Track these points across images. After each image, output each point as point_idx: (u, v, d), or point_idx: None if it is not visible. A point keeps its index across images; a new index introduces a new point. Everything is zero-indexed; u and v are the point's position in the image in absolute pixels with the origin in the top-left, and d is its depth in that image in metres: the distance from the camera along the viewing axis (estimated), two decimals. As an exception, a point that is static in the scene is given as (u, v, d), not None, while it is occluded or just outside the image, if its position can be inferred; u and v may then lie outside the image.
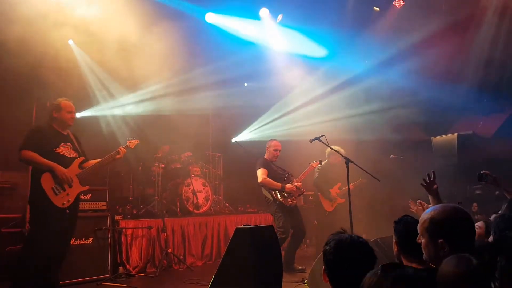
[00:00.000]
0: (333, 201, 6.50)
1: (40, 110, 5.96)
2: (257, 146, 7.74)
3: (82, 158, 4.47)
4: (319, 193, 6.60)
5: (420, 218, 1.94)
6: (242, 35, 8.91)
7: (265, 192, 5.86)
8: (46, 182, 4.11)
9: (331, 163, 6.52)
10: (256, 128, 8.97)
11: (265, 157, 6.08)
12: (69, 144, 4.42)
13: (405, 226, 2.36)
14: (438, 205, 1.94)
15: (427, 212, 1.92)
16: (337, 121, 8.28)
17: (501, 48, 7.72)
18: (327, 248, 1.77)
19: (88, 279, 5.03)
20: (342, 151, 6.33)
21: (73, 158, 4.39)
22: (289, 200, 5.78)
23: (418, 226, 1.94)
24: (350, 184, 6.52)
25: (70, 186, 4.26)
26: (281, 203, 5.73)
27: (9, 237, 5.04)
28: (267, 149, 6.12)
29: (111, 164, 4.78)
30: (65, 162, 4.29)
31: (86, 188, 4.50)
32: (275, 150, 6.04)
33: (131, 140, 4.89)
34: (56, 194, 4.15)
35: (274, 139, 6.22)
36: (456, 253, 1.72)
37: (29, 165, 4.32)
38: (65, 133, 4.46)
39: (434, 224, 1.85)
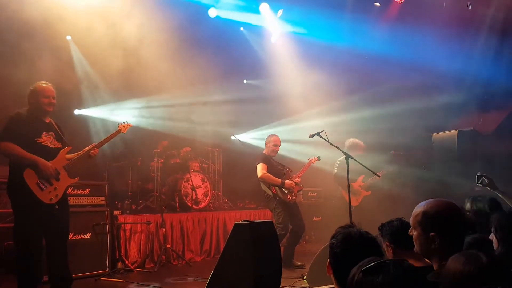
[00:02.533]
0: (357, 195, 6.41)
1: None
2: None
3: (68, 148, 4.10)
4: (341, 189, 6.51)
5: (414, 211, 1.97)
6: (243, 30, 8.92)
7: (264, 188, 5.83)
8: (30, 177, 3.74)
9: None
10: (258, 138, 8.83)
11: (264, 152, 6.05)
12: (51, 133, 4.02)
13: (392, 225, 2.38)
14: (432, 199, 1.95)
15: (420, 205, 1.95)
16: (340, 120, 8.23)
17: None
18: (334, 241, 1.76)
19: (87, 275, 5.00)
20: (361, 144, 6.31)
21: (58, 149, 4.01)
22: (288, 196, 5.75)
23: (411, 218, 1.97)
24: (372, 178, 6.54)
25: (58, 180, 3.90)
26: (280, 199, 5.71)
27: (7, 232, 4.99)
28: (266, 144, 6.08)
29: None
30: (49, 153, 3.91)
31: (75, 180, 4.11)
32: (275, 145, 6.00)
33: (123, 124, 4.53)
34: (42, 190, 3.80)
35: (274, 134, 6.15)
36: (447, 247, 1.72)
37: (8, 158, 3.84)
38: (47, 121, 4.06)
39: (427, 217, 1.88)
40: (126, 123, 4.60)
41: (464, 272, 1.42)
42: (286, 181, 5.75)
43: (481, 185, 3.89)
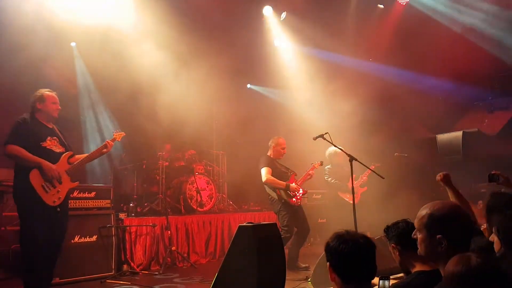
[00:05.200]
0: (355, 193, 6.45)
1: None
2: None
3: (70, 153, 4.27)
4: (338, 192, 6.54)
5: (418, 213, 1.96)
6: (246, 34, 8.92)
7: (268, 191, 5.83)
8: (35, 179, 3.91)
9: (337, 164, 6.52)
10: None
11: (268, 154, 6.03)
12: (55, 138, 4.20)
13: (397, 227, 2.38)
14: (437, 201, 1.95)
15: (425, 207, 1.94)
16: (341, 121, 8.23)
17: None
18: (329, 240, 1.87)
19: (92, 277, 5.04)
20: (343, 149, 6.32)
21: (61, 153, 4.18)
22: (293, 199, 5.75)
23: (416, 221, 1.96)
24: (364, 174, 6.57)
25: (60, 183, 4.08)
26: (285, 201, 5.71)
27: (14, 235, 5.06)
28: (273, 147, 5.99)
29: (97, 157, 4.58)
30: (53, 157, 4.08)
31: (76, 184, 4.30)
32: (282, 148, 5.95)
33: (117, 132, 4.69)
34: (47, 192, 3.97)
35: (280, 137, 6.08)
36: (454, 249, 1.72)
37: (14, 161, 4.01)
38: (50, 126, 4.25)
39: (433, 220, 1.86)
40: (119, 131, 4.73)
41: (454, 272, 1.44)
42: (291, 184, 5.74)
43: (495, 183, 3.77)
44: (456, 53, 7.84)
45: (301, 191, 5.81)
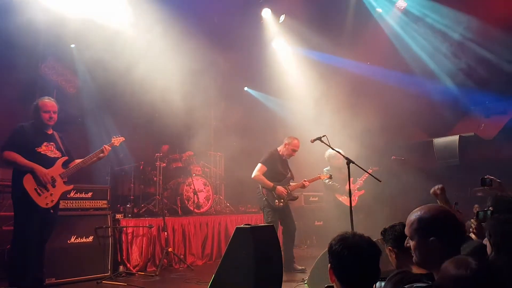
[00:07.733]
0: (352, 196, 6.44)
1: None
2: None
3: (65, 158, 4.45)
4: (335, 194, 6.54)
5: (407, 221, 1.93)
6: (244, 36, 8.95)
7: (259, 185, 5.78)
8: (28, 183, 4.10)
9: (336, 166, 6.53)
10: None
11: (278, 149, 5.95)
12: (52, 143, 4.39)
13: (394, 230, 2.37)
14: (423, 206, 1.93)
15: (413, 213, 1.92)
16: (338, 123, 8.25)
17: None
18: (333, 242, 1.83)
19: (88, 278, 5.03)
20: (341, 152, 6.33)
21: (56, 158, 4.36)
22: (276, 201, 5.67)
23: (406, 229, 1.93)
24: (362, 177, 6.58)
25: (54, 186, 4.27)
26: (266, 200, 5.68)
27: (10, 235, 5.04)
28: (285, 144, 5.92)
29: (95, 162, 4.71)
30: (47, 161, 4.26)
31: (70, 187, 4.54)
32: (294, 150, 5.89)
33: (116, 137, 4.85)
34: (40, 195, 4.15)
35: (297, 138, 5.99)
36: (447, 252, 1.72)
37: (10, 166, 4.23)
38: (49, 133, 4.44)
39: (423, 223, 1.84)
40: (118, 136, 4.88)
41: (455, 275, 1.43)
42: (278, 186, 5.69)
43: (488, 188, 3.74)
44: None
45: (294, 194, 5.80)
